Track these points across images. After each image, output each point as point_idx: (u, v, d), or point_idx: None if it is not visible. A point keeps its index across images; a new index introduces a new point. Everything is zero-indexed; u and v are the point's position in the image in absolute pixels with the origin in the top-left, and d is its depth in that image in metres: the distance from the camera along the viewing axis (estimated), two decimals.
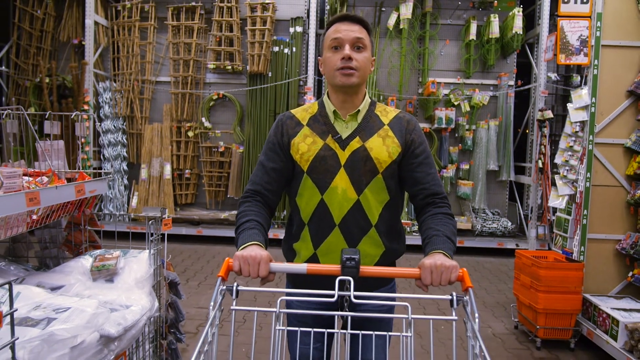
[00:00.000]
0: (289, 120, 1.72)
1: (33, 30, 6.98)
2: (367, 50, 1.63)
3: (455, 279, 1.40)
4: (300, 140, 1.66)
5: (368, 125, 1.66)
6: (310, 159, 1.63)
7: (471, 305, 1.26)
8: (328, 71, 1.65)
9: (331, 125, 1.67)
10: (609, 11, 3.57)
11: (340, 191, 1.62)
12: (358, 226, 1.63)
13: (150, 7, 6.88)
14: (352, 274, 1.31)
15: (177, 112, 6.90)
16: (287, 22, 6.83)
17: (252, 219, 1.57)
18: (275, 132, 1.71)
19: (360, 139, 1.63)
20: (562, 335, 3.57)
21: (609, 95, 3.61)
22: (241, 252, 1.41)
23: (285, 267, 1.44)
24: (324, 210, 1.63)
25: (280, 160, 1.68)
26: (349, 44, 1.59)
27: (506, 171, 6.78)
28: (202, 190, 7.02)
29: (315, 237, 1.66)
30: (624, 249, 3.60)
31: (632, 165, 3.60)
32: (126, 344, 1.90)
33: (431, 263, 1.40)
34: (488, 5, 6.75)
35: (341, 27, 1.61)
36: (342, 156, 1.63)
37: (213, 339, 1.23)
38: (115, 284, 2.13)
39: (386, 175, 1.64)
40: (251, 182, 1.70)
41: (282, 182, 1.70)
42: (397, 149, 1.64)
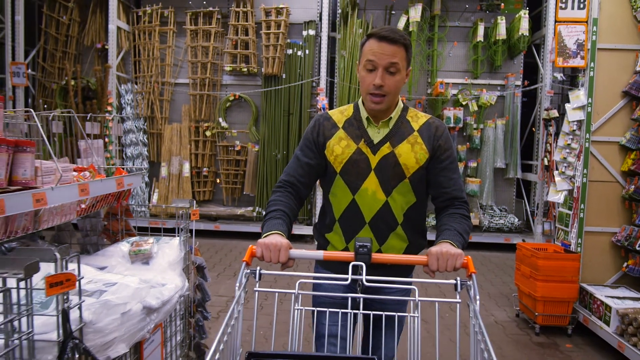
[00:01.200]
0: (326, 121, 1.81)
1: (59, 35, 7.33)
2: (401, 72, 1.68)
3: (460, 265, 1.49)
4: (336, 142, 1.76)
5: (399, 132, 1.75)
6: (344, 161, 1.74)
7: (474, 289, 1.36)
8: (362, 88, 1.73)
9: (364, 130, 1.76)
10: (605, 16, 3.78)
11: (370, 193, 1.73)
12: (386, 224, 1.74)
13: (170, 12, 7.20)
14: (364, 260, 1.43)
15: (195, 112, 7.21)
16: (301, 26, 7.10)
17: (279, 208, 1.69)
18: (312, 131, 1.81)
19: (390, 145, 1.73)
20: (559, 322, 3.79)
21: (605, 95, 3.82)
22: (263, 240, 1.53)
23: (303, 253, 1.55)
24: (355, 209, 1.75)
25: (314, 157, 1.79)
26: (382, 68, 1.64)
27: (513, 169, 6.98)
28: (219, 188, 7.32)
29: (346, 232, 1.77)
30: (619, 241, 3.81)
31: (626, 162, 3.81)
32: (163, 317, 2.18)
33: (437, 250, 1.50)
34: (495, 8, 6.95)
35: (377, 48, 1.64)
36: (373, 160, 1.73)
37: (239, 315, 1.32)
38: (150, 266, 2.41)
39: (413, 180, 1.73)
40: (285, 173, 1.82)
41: (313, 176, 1.82)
42: (424, 155, 1.73)
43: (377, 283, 1.45)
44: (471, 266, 1.46)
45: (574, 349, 3.58)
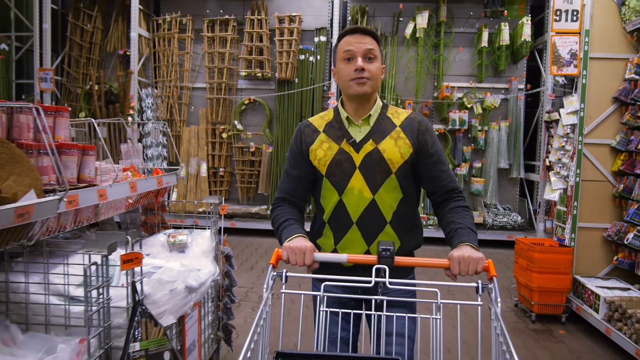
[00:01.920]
0: (307, 128, 1.83)
1: (83, 42, 7.74)
2: (378, 60, 1.73)
3: (482, 269, 1.51)
4: (317, 146, 1.78)
5: (380, 128, 1.76)
6: (327, 163, 1.75)
7: (495, 292, 1.38)
8: (342, 81, 1.75)
9: (345, 130, 1.77)
10: (596, 27, 4.08)
11: (357, 192, 1.73)
12: (374, 223, 1.74)
13: (188, 20, 7.57)
14: (387, 263, 1.45)
15: (212, 115, 7.58)
16: (312, 32, 7.43)
17: (288, 217, 1.74)
18: (296, 141, 1.84)
19: (373, 142, 1.74)
20: (554, 311, 4.10)
21: (597, 101, 4.12)
22: (288, 244, 1.57)
23: (327, 256, 1.58)
24: (342, 210, 1.75)
25: (303, 167, 1.81)
26: (360, 55, 1.69)
27: (516, 169, 7.27)
28: (235, 187, 7.68)
29: (335, 233, 1.78)
30: (610, 236, 4.10)
31: (617, 163, 4.10)
32: (199, 297, 2.53)
33: (459, 255, 1.52)
34: (499, 14, 7.25)
35: (352, 39, 1.71)
36: (357, 158, 1.73)
37: (267, 317, 1.37)
38: (186, 254, 2.76)
39: (399, 175, 1.74)
40: (279, 190, 1.86)
41: (306, 186, 1.84)
42: (408, 150, 1.73)
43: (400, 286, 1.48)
44: (492, 270, 1.47)
45: (566, 335, 3.88)
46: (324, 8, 7.44)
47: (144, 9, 7.48)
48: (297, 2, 7.44)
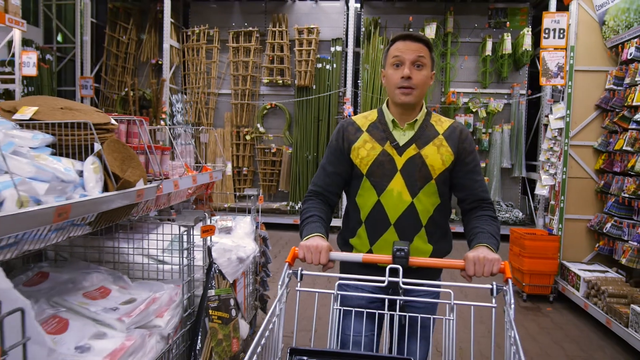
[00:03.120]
0: (350, 126, 1.84)
1: (119, 52, 8.47)
2: (427, 68, 1.72)
3: (497, 270, 1.49)
4: (360, 145, 1.78)
5: (424, 134, 1.76)
6: (369, 163, 1.75)
7: (510, 294, 1.35)
8: (389, 87, 1.76)
9: (389, 133, 1.77)
10: (580, 44, 4.66)
11: (396, 194, 1.73)
12: (410, 226, 1.74)
13: (215, 32, 8.26)
14: (401, 263, 1.45)
15: (236, 119, 8.25)
16: (329, 42, 8.08)
17: (314, 214, 1.75)
18: (337, 138, 1.84)
19: (416, 147, 1.75)
20: (543, 291, 4.68)
21: (581, 108, 4.70)
22: (305, 242, 1.59)
23: (343, 255, 1.61)
24: (380, 210, 1.75)
25: (340, 164, 1.82)
26: (409, 62, 1.69)
27: (518, 168, 7.84)
28: (257, 185, 8.34)
29: (371, 234, 1.77)
30: (593, 226, 4.68)
31: (598, 162, 4.68)
32: (245, 267, 3.17)
33: (475, 256, 1.51)
34: (502, 25, 7.83)
35: (403, 46, 1.71)
36: (399, 161, 1.74)
37: (281, 313, 1.38)
38: (232, 235, 3.40)
39: (439, 181, 1.74)
40: (313, 184, 1.87)
41: (340, 184, 1.85)
42: (450, 157, 1.74)
43: (413, 286, 1.47)
44: (508, 272, 1.45)
45: (552, 311, 4.47)
46: (339, 20, 8.08)
47: (174, 21, 8.18)
48: (315, 15, 8.09)
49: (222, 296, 2.40)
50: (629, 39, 4.27)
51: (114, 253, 2.46)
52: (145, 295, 2.12)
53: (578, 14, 4.64)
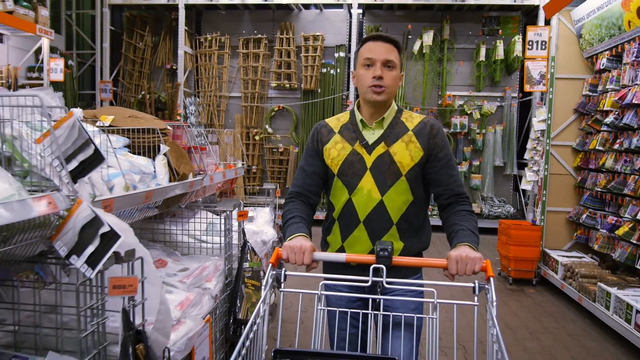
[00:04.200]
0: (323, 128, 1.89)
1: (135, 58, 9.02)
2: (396, 68, 1.77)
3: (479, 269, 1.51)
4: (332, 146, 1.83)
5: (393, 132, 1.80)
6: (340, 162, 1.80)
7: (492, 292, 1.36)
8: (360, 86, 1.80)
9: (359, 133, 1.81)
10: (561, 54, 5.21)
11: (366, 192, 1.76)
12: (380, 223, 1.77)
13: (226, 38, 8.80)
14: (385, 262, 1.46)
15: (246, 120, 8.81)
16: (333, 49, 8.62)
17: (296, 215, 1.78)
18: (312, 140, 1.90)
19: (385, 144, 1.78)
20: (527, 275, 5.23)
21: (561, 112, 5.25)
22: (289, 243, 1.61)
23: (326, 256, 1.62)
24: (350, 209, 1.79)
25: (317, 165, 1.87)
26: (380, 63, 1.73)
27: (510, 166, 8.39)
28: (266, 182, 8.89)
29: (343, 231, 1.82)
30: (571, 217, 5.23)
31: (576, 160, 5.23)
32: (266, 250, 3.72)
33: (457, 254, 1.53)
34: (495, 32, 8.38)
35: (374, 46, 1.75)
36: (369, 160, 1.77)
37: (264, 314, 1.38)
38: (254, 223, 3.96)
39: (409, 178, 1.76)
40: (293, 185, 1.91)
41: (320, 183, 1.89)
42: (419, 153, 1.77)
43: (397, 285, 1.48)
44: (490, 270, 1.47)
45: (534, 293, 5.02)
46: (343, 28, 8.62)
47: (188, 29, 8.74)
48: (320, 23, 8.64)
49: (255, 268, 2.95)
50: (602, 51, 4.82)
51: (164, 234, 3.01)
52: (196, 265, 2.68)
53: (558, 28, 5.20)
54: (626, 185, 4.20)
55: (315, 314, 1.50)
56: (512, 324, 4.12)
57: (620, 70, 4.46)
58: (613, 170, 4.48)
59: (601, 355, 3.56)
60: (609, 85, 4.60)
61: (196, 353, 2.24)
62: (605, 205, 4.73)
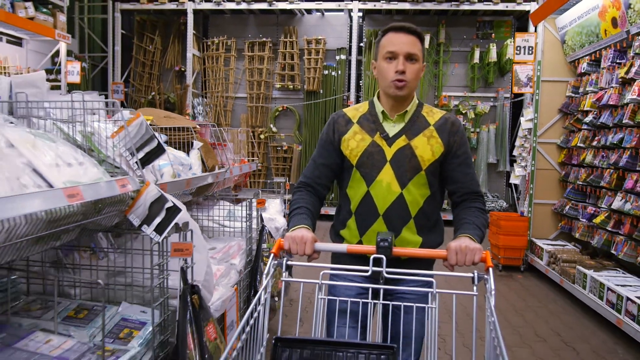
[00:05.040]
0: (341, 118, 1.85)
1: (145, 60, 9.43)
2: (419, 61, 1.73)
3: (479, 260, 1.51)
4: (351, 136, 1.79)
5: (414, 126, 1.77)
6: (359, 154, 1.76)
7: (490, 282, 1.37)
8: (382, 79, 1.76)
9: (379, 124, 1.78)
10: (546, 59, 5.64)
11: (385, 184, 1.73)
12: (399, 217, 1.75)
13: (232, 42, 9.23)
14: (385, 253, 1.46)
15: (251, 120, 9.23)
16: (334, 52, 9.04)
17: (302, 205, 1.77)
18: (328, 130, 1.86)
19: (406, 138, 1.75)
20: (515, 262, 5.67)
21: (546, 112, 5.69)
22: (290, 234, 1.62)
23: (328, 246, 1.62)
24: (369, 201, 1.76)
25: (330, 156, 1.84)
26: (402, 56, 1.69)
27: (503, 163, 8.83)
28: (271, 179, 9.31)
29: (360, 225, 1.79)
30: (556, 209, 5.67)
31: (561, 156, 5.67)
32: (279, 236, 4.15)
33: (456, 245, 1.53)
34: (488, 36, 8.81)
35: (396, 38, 1.71)
36: (389, 152, 1.74)
37: (265, 303, 1.39)
38: (267, 211, 4.39)
39: (428, 172, 1.74)
40: (303, 176, 1.90)
41: (330, 176, 1.87)
42: (440, 149, 1.74)
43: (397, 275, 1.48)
44: (489, 261, 1.48)
45: (522, 278, 5.46)
46: (344, 32, 9.05)
47: (196, 33, 9.15)
48: (322, 27, 9.07)
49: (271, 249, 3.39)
50: (583, 56, 5.26)
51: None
52: (222, 245, 3.11)
53: (544, 34, 5.63)
54: (603, 178, 4.64)
55: (316, 302, 1.51)
56: (499, 304, 4.55)
57: (598, 74, 4.90)
58: (592, 165, 4.92)
59: (577, 328, 4.00)
60: (588, 87, 5.04)
61: (227, 315, 2.68)
62: (586, 197, 5.16)
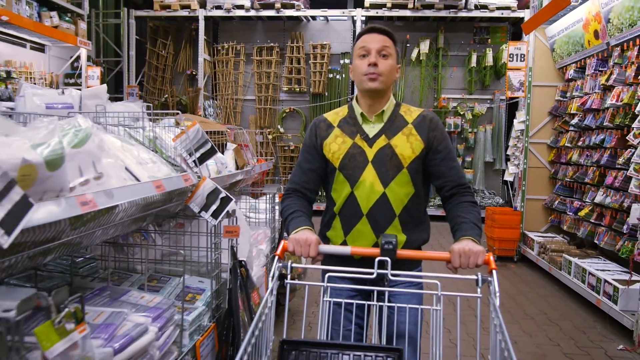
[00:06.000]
0: (322, 123, 1.88)
1: (158, 64, 9.89)
2: (391, 58, 1.77)
3: (482, 262, 1.53)
4: (332, 140, 1.82)
5: (393, 125, 1.80)
6: (341, 156, 1.79)
7: (494, 285, 1.39)
8: (357, 77, 1.81)
9: (359, 126, 1.81)
10: (537, 66, 6.11)
11: (368, 184, 1.76)
12: (384, 216, 1.77)
13: (241, 47, 9.69)
14: (389, 255, 1.48)
15: (259, 121, 9.70)
16: (338, 56, 9.51)
17: (296, 209, 1.79)
18: (310, 136, 1.89)
19: (386, 137, 1.78)
20: (509, 253, 6.14)
21: (537, 114, 6.16)
22: (294, 236, 1.63)
23: (332, 249, 1.63)
24: (353, 202, 1.78)
25: (315, 161, 1.86)
26: (375, 51, 1.74)
27: (499, 162, 9.30)
28: (278, 179, 9.76)
29: (345, 225, 1.81)
30: (547, 203, 6.14)
31: (550, 155, 6.15)
32: None
33: (460, 248, 1.54)
34: (485, 41, 9.28)
35: (368, 37, 1.78)
36: (370, 153, 1.77)
37: (272, 305, 1.41)
38: None
39: (411, 170, 1.76)
40: (290, 182, 1.91)
41: (317, 180, 1.88)
42: (420, 146, 1.77)
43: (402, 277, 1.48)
44: (492, 263, 1.48)
45: (515, 268, 5.94)
46: (347, 37, 9.51)
47: (206, 38, 9.61)
48: (327, 32, 9.54)
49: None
50: (570, 63, 5.73)
51: None
52: (251, 233, 3.57)
53: (535, 43, 6.10)
54: (587, 175, 5.11)
55: (321, 305, 1.52)
56: None
57: (583, 80, 5.37)
58: (578, 163, 5.39)
59: (562, 308, 4.47)
60: (575, 92, 5.51)
61: (260, 292, 3.14)
62: (572, 193, 5.64)
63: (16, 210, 1.10)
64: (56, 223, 1.30)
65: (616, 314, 3.81)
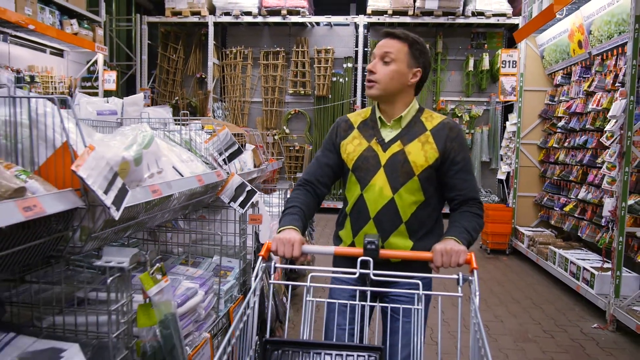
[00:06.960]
0: (343, 123, 1.91)
1: (169, 68, 10.34)
2: (396, 63, 1.75)
3: (463, 261, 1.54)
4: (349, 141, 1.85)
5: (411, 131, 1.79)
6: (355, 158, 1.81)
7: (475, 284, 1.40)
8: None
9: (377, 130, 1.83)
10: (528, 71, 6.55)
11: (378, 189, 1.77)
12: (390, 221, 1.78)
13: (248, 51, 10.13)
14: (372, 255, 1.50)
15: (266, 122, 10.14)
16: (342, 60, 9.94)
17: (296, 205, 1.79)
18: (331, 133, 1.93)
19: (400, 143, 1.77)
20: (501, 247, 6.58)
21: (528, 117, 6.60)
22: (278, 235, 1.63)
23: (315, 249, 1.67)
24: (362, 205, 1.80)
25: (332, 158, 1.89)
26: (378, 57, 1.78)
27: (495, 162, 9.73)
28: (284, 177, 10.21)
29: (354, 226, 1.83)
30: (537, 200, 6.58)
31: (540, 155, 6.58)
32: None
33: (442, 247, 1.57)
34: (481, 46, 9.72)
35: (380, 43, 1.81)
36: (383, 157, 1.78)
37: (254, 306, 1.41)
38: None
39: (422, 178, 1.75)
40: (305, 173, 1.93)
41: (331, 175, 1.90)
42: (434, 155, 1.75)
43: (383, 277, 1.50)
44: (473, 262, 1.50)
45: (507, 260, 6.37)
46: (350, 42, 9.96)
47: (215, 43, 10.06)
48: (330, 38, 9.97)
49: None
50: (558, 70, 6.16)
51: None
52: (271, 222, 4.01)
53: (526, 50, 6.53)
54: (571, 174, 5.54)
55: (304, 305, 1.52)
56: (485, 279, 5.46)
57: (569, 86, 5.80)
58: (564, 163, 5.83)
59: (546, 294, 4.91)
60: (562, 97, 5.94)
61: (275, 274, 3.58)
62: (560, 190, 6.07)
63: (120, 194, 1.54)
64: (137, 205, 1.74)
65: (592, 297, 4.25)
